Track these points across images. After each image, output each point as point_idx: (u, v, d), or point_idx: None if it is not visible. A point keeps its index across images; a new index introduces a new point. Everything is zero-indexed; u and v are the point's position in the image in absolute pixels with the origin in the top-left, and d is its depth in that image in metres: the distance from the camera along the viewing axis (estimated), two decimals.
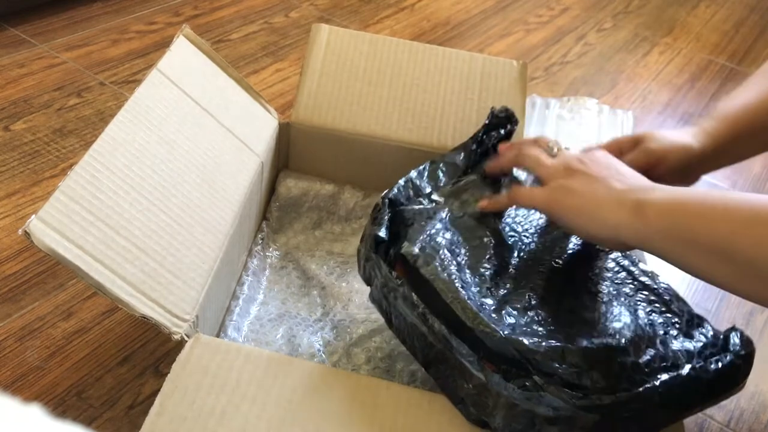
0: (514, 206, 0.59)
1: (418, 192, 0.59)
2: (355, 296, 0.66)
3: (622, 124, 0.84)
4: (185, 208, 0.54)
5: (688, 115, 1.12)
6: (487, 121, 0.65)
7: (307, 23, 1.19)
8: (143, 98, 0.56)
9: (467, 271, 0.51)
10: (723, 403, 0.67)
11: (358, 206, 0.74)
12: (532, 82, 1.12)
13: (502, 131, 0.65)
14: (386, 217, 0.54)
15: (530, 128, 0.88)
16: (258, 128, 0.68)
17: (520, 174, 0.62)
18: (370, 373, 0.59)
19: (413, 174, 0.60)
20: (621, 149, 0.61)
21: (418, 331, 0.48)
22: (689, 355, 0.48)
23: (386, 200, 0.55)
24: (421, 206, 0.56)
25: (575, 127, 0.82)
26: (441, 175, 0.62)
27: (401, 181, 0.58)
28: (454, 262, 0.51)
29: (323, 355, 0.61)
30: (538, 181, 0.55)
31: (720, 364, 0.47)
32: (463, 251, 0.53)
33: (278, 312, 0.64)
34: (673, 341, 0.49)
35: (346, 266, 0.70)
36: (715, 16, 1.44)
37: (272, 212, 0.73)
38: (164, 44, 0.63)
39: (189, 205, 0.54)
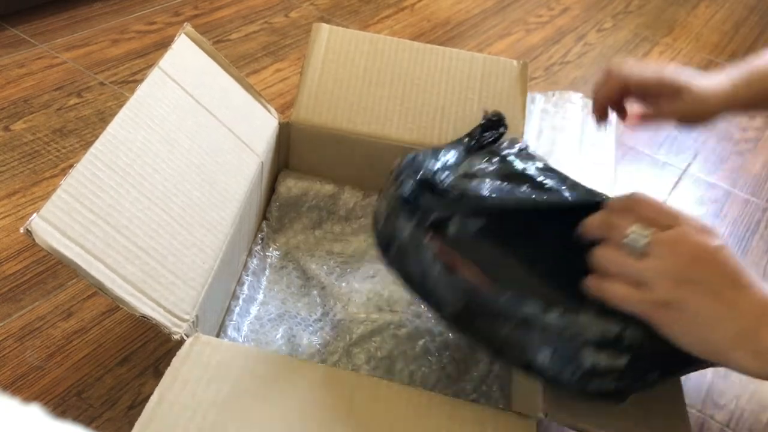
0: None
1: (434, 166, 0.54)
2: (355, 296, 0.66)
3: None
4: (186, 207, 0.54)
5: None
6: (483, 121, 0.65)
7: (307, 23, 1.19)
8: (145, 96, 0.56)
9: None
10: (723, 402, 0.67)
11: (358, 206, 0.74)
12: (532, 82, 1.12)
13: (494, 134, 0.65)
14: (410, 178, 0.50)
15: (528, 125, 0.87)
16: (258, 128, 0.68)
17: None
18: (370, 373, 0.59)
19: (415, 155, 0.55)
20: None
21: (449, 285, 0.46)
22: None
23: (407, 162, 0.52)
24: (445, 176, 0.52)
25: (559, 121, 0.82)
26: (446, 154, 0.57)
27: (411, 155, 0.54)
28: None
29: (323, 355, 0.61)
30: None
31: None
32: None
33: (278, 312, 0.64)
34: None
35: (346, 266, 0.70)
36: (715, 16, 1.44)
37: (272, 212, 0.73)
38: (164, 44, 0.63)
39: (190, 204, 0.54)
